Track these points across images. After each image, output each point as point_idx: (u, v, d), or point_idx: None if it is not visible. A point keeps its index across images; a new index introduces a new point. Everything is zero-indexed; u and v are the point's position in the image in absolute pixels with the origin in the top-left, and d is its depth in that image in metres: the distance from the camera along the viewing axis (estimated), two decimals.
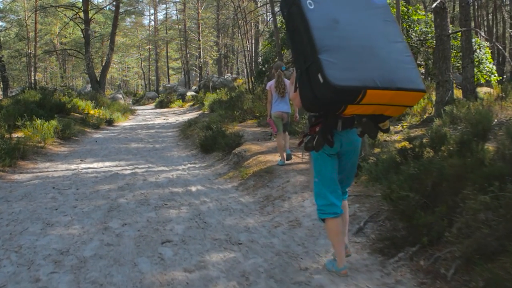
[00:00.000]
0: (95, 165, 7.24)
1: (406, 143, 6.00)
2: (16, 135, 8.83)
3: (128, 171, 6.60)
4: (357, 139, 2.55)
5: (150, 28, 43.97)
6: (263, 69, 16.14)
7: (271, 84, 5.79)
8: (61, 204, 4.67)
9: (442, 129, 5.07)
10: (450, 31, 8.21)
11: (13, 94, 20.25)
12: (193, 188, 5.38)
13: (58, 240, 3.52)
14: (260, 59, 25.37)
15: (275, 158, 6.03)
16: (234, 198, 4.82)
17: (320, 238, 3.35)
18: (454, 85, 9.11)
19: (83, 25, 20.75)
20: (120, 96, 28.13)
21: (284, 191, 4.60)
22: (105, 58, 24.15)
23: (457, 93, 9.91)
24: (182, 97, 26.50)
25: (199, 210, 4.34)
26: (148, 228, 3.79)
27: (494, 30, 24.47)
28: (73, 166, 7.07)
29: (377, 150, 5.46)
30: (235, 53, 39.41)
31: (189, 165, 7.24)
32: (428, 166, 3.12)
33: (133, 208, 4.45)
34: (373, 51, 2.12)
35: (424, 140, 4.44)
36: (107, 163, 7.39)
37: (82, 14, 20.86)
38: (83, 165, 7.18)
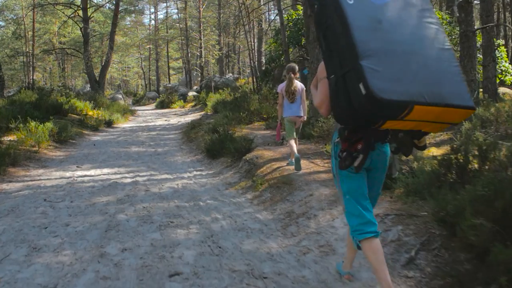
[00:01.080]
0: (92, 172, 6.64)
1: (434, 149, 5.43)
2: (8, 139, 8.25)
3: (129, 180, 6.01)
4: (387, 153, 2.26)
5: (151, 27, 43.34)
6: (269, 67, 15.50)
7: (282, 87, 5.56)
8: (52, 221, 4.08)
9: (474, 133, 4.51)
10: (475, 27, 7.63)
11: (10, 94, 19.66)
12: (202, 201, 4.78)
13: (45, 271, 2.92)
14: (263, 58, 24.82)
15: (292, 166, 5.42)
16: (250, 214, 4.21)
17: (362, 270, 2.76)
18: None
19: (82, 24, 20.19)
20: (120, 96, 27.57)
21: (308, 207, 3.99)
22: (104, 58, 23.53)
23: None
24: (184, 97, 25.89)
25: (211, 230, 3.74)
26: (152, 254, 3.19)
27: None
28: (68, 174, 6.47)
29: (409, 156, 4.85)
30: (236, 52, 38.80)
31: (195, 172, 6.64)
32: (499, 185, 2.52)
33: (134, 227, 3.86)
34: (421, 59, 1.82)
35: (471, 148, 3.83)
36: (106, 170, 6.79)
37: (81, 12, 20.30)
38: (79, 172, 6.58)
